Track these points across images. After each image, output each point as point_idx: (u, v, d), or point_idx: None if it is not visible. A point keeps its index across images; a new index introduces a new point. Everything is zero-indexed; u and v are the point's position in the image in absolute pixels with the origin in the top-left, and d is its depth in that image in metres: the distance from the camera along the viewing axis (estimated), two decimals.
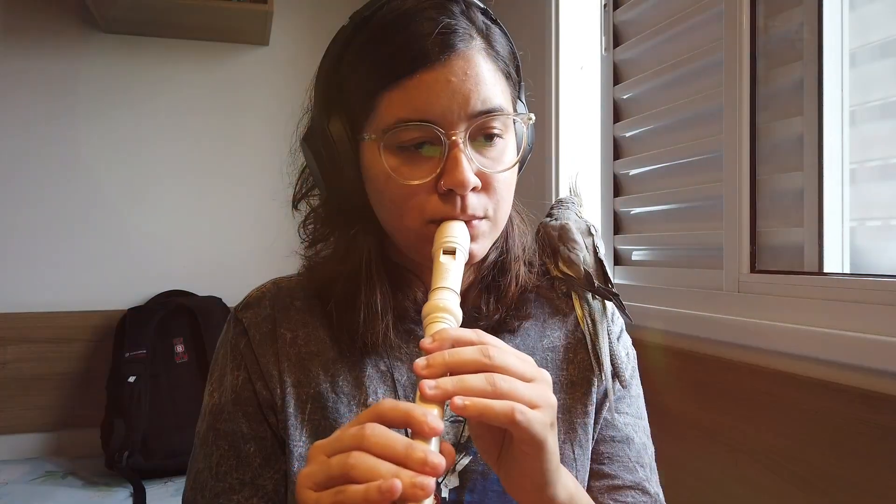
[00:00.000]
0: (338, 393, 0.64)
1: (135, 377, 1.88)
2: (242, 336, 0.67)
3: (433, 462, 0.40)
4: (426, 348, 0.47)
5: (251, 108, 2.27)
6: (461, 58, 0.57)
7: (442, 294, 0.53)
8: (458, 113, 0.57)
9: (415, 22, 0.57)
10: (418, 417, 0.42)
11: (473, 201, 0.59)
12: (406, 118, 0.57)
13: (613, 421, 0.69)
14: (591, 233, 0.74)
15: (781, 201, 1.05)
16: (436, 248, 0.57)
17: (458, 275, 0.55)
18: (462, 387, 0.44)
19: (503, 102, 0.60)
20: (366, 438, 0.41)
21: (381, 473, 0.39)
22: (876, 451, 0.79)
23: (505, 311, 0.68)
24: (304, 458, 0.62)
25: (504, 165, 0.61)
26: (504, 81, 0.61)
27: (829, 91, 0.96)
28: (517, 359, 0.48)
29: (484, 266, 0.69)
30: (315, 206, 0.70)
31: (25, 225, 2.09)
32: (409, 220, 0.60)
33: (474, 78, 0.57)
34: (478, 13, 0.61)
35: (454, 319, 0.51)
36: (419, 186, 0.58)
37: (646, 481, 0.68)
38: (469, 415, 0.44)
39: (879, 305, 0.82)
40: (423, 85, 0.56)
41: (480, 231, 0.60)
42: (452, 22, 0.57)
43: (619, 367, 0.68)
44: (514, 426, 0.45)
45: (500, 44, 0.62)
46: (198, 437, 0.67)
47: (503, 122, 0.60)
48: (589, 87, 1.58)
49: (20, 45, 2.08)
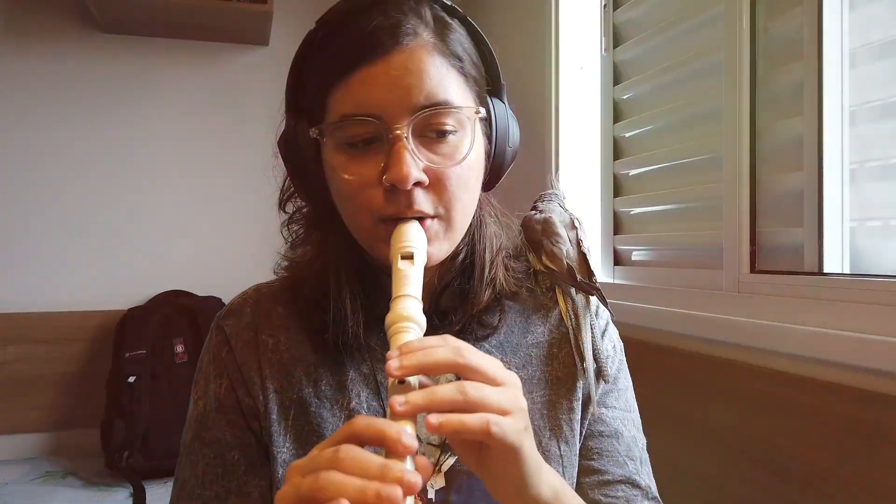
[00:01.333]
0: (321, 398, 0.64)
1: (135, 377, 1.88)
2: (224, 344, 0.67)
3: (409, 481, 0.40)
4: (390, 370, 0.45)
5: (251, 108, 2.27)
6: (403, 52, 0.57)
7: (403, 303, 0.52)
8: (400, 107, 0.56)
9: (360, 19, 0.57)
10: (392, 436, 0.42)
11: (420, 198, 0.58)
12: (349, 113, 0.57)
13: (601, 416, 0.69)
14: (574, 226, 0.73)
15: (781, 201, 1.05)
16: (393, 254, 0.56)
17: (419, 280, 0.55)
18: (433, 400, 0.44)
19: (453, 98, 0.58)
20: (340, 461, 0.41)
21: (347, 490, 0.39)
22: (875, 451, 0.79)
23: (470, 319, 0.67)
24: (289, 464, 0.62)
25: (455, 161, 0.59)
26: (458, 78, 0.60)
27: (829, 91, 0.96)
28: (487, 360, 0.48)
29: (449, 270, 0.67)
30: (299, 207, 0.70)
31: (25, 225, 2.09)
32: (361, 217, 0.60)
33: (417, 73, 0.57)
34: (430, 9, 0.60)
35: (418, 328, 0.51)
36: (365, 182, 0.58)
37: (636, 474, 0.67)
38: (445, 433, 0.44)
39: (879, 305, 0.82)
40: (365, 80, 0.56)
41: (433, 232, 0.59)
42: (398, 17, 0.57)
43: (602, 364, 0.68)
44: (489, 439, 0.45)
45: (455, 41, 0.60)
46: (183, 446, 0.67)
47: (455, 118, 0.59)
48: (589, 87, 1.58)
49: (20, 45, 2.08)
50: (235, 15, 2.03)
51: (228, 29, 2.18)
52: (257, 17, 2.05)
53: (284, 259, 0.70)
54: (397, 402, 0.44)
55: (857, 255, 0.96)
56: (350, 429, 0.43)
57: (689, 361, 1.11)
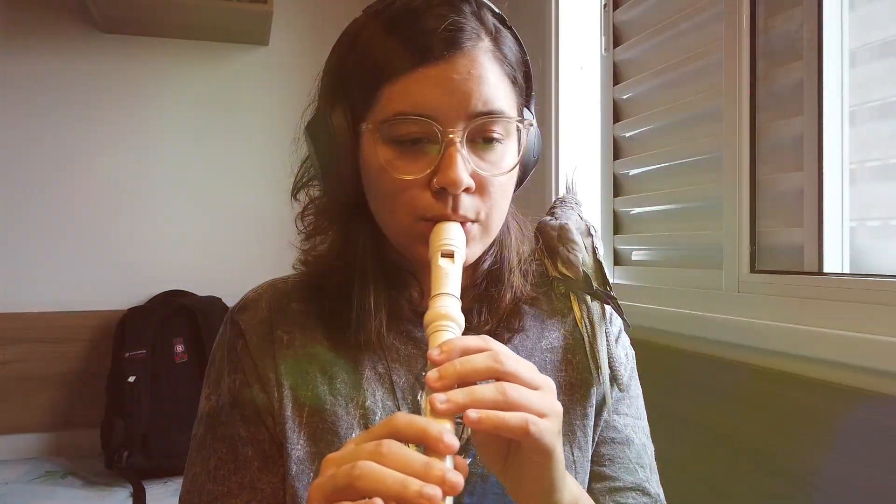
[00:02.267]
0: (335, 395, 0.64)
1: (135, 377, 1.88)
2: (239, 339, 0.66)
3: (451, 480, 0.39)
4: (435, 360, 0.46)
5: (251, 108, 2.27)
6: (466, 56, 0.57)
7: (443, 301, 0.52)
8: (458, 111, 0.56)
9: (423, 17, 0.57)
10: (434, 435, 0.42)
11: (466, 202, 0.58)
12: (404, 112, 0.56)
13: (613, 422, 0.69)
14: (590, 233, 0.74)
15: (781, 201, 1.05)
16: (433, 251, 0.56)
17: (458, 279, 0.55)
18: (473, 399, 0.44)
19: (505, 106, 0.59)
20: (382, 456, 0.41)
21: (387, 483, 0.39)
22: (876, 451, 0.79)
23: (496, 323, 0.67)
24: (302, 461, 0.62)
25: (501, 170, 0.60)
26: (509, 86, 0.61)
27: (829, 91, 0.96)
28: (524, 366, 0.48)
29: (477, 274, 0.68)
30: (314, 197, 0.69)
31: (25, 225, 2.09)
32: (401, 215, 0.59)
33: (477, 78, 0.57)
34: (489, 15, 0.60)
35: (457, 326, 0.51)
36: (412, 182, 0.57)
37: (646, 482, 0.68)
38: (483, 428, 0.43)
39: (879, 305, 0.82)
40: (425, 80, 0.56)
41: (471, 235, 0.60)
42: (461, 20, 0.57)
43: (616, 371, 0.68)
44: (527, 438, 0.45)
45: (509, 48, 0.61)
46: (194, 441, 0.66)
47: (504, 127, 0.60)
48: (589, 87, 1.58)
49: (20, 45, 2.08)
50: (235, 15, 2.03)
51: (228, 29, 2.18)
52: (257, 17, 2.05)
53: (302, 253, 0.69)
54: (438, 401, 0.43)
55: (857, 255, 0.96)
56: (391, 425, 0.43)
57: (689, 361, 1.11)
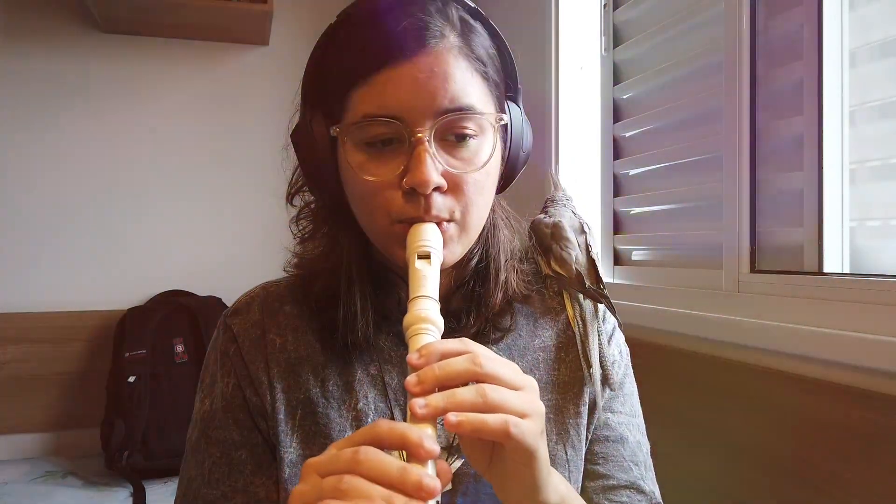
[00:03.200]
0: (328, 398, 0.64)
1: (135, 377, 1.88)
2: (232, 342, 0.66)
3: (428, 486, 0.40)
4: (414, 364, 0.46)
5: (251, 108, 2.27)
6: (430, 55, 0.56)
7: (421, 304, 0.52)
8: (424, 110, 0.56)
9: (387, 18, 0.57)
10: (414, 441, 0.42)
11: (438, 202, 0.57)
12: (371, 114, 0.56)
13: (607, 420, 0.69)
14: (584, 231, 0.73)
15: (781, 201, 1.05)
16: (409, 253, 0.56)
17: (436, 281, 0.54)
18: (453, 402, 0.44)
19: (476, 102, 0.58)
20: (360, 463, 0.41)
21: (373, 499, 0.39)
22: (876, 451, 0.79)
23: (485, 323, 0.67)
24: (295, 464, 0.62)
25: (474, 167, 0.59)
26: (480, 81, 0.60)
27: (829, 91, 0.96)
28: (505, 366, 0.48)
29: (464, 273, 0.67)
30: (308, 202, 0.69)
31: (25, 225, 2.09)
32: (377, 218, 0.59)
33: (442, 75, 0.56)
34: (456, 11, 0.60)
35: (436, 329, 0.51)
36: (384, 184, 0.57)
37: (640, 480, 0.68)
38: (464, 432, 0.44)
39: (879, 305, 0.82)
40: (390, 81, 0.56)
41: (448, 235, 0.59)
42: (425, 18, 0.57)
43: (608, 370, 0.68)
44: (508, 439, 0.45)
45: (478, 43, 0.60)
46: (189, 444, 0.66)
47: (477, 123, 0.59)
48: (589, 87, 1.58)
49: (19, 45, 2.08)
50: (235, 15, 2.03)
51: (228, 29, 2.18)
52: (257, 17, 2.05)
53: (294, 256, 0.70)
54: (418, 406, 0.44)
55: (857, 255, 0.96)
56: (372, 431, 0.43)
57: (689, 361, 1.11)
